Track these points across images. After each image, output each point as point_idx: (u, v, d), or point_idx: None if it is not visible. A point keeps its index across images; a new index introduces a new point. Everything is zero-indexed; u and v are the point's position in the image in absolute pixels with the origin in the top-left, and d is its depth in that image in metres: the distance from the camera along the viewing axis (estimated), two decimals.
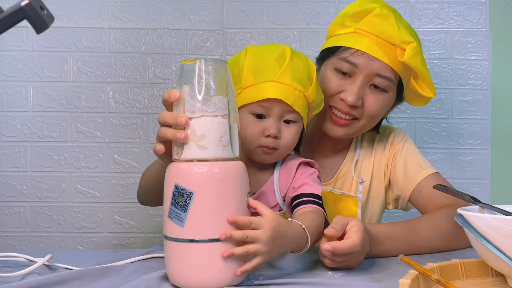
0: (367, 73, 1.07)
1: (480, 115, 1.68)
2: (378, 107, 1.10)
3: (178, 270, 0.74)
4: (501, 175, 1.68)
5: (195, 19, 1.69)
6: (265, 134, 0.94)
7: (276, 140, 0.95)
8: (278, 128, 0.94)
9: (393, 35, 1.06)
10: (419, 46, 1.08)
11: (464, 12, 1.68)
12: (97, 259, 0.90)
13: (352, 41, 1.08)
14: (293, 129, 0.96)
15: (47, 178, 1.67)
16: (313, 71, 1.00)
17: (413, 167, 1.16)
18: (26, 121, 1.67)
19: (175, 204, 0.73)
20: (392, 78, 1.08)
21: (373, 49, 1.06)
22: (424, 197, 1.13)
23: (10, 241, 1.67)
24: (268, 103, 0.93)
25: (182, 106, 0.76)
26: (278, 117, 0.94)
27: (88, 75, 1.68)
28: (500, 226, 0.66)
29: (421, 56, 1.08)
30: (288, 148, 0.98)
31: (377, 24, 1.06)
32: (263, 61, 0.96)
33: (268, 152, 0.96)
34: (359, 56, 1.06)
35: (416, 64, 1.07)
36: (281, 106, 0.93)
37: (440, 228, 1.02)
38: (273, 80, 0.93)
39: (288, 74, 0.94)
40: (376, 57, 1.05)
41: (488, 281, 0.75)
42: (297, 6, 1.68)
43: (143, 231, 1.69)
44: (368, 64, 1.06)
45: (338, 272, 0.83)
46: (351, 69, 1.07)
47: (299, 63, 0.97)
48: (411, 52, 1.05)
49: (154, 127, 1.68)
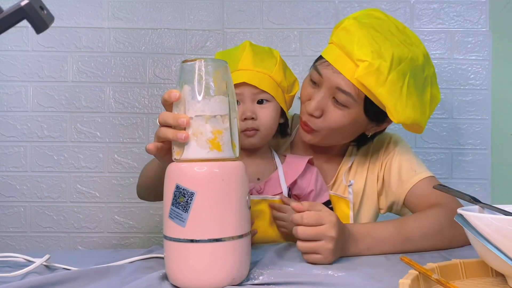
0: (329, 85, 1.06)
1: (480, 115, 1.68)
2: (337, 121, 1.08)
3: (178, 270, 0.74)
4: (501, 175, 1.68)
5: (195, 19, 1.69)
6: (242, 118, 1.04)
7: (254, 122, 1.05)
8: (252, 110, 1.04)
9: (350, 51, 1.02)
10: (375, 67, 1.00)
11: (464, 12, 1.68)
12: (97, 259, 0.90)
13: (326, 51, 1.10)
14: (268, 108, 1.06)
15: (47, 178, 1.67)
16: (276, 55, 1.10)
17: (407, 172, 1.16)
18: (26, 121, 1.67)
19: (176, 204, 0.73)
20: (352, 94, 1.04)
21: (337, 62, 1.05)
22: (416, 198, 1.13)
23: (10, 241, 1.67)
24: (238, 89, 1.03)
25: (182, 106, 0.76)
26: (250, 100, 1.05)
27: (88, 75, 1.68)
28: (500, 226, 0.66)
29: (379, 76, 1.00)
30: (269, 127, 1.07)
31: (341, 38, 1.06)
32: (227, 58, 1.05)
33: (250, 134, 1.06)
34: (325, 67, 1.07)
35: (369, 84, 1.01)
36: (249, 89, 1.04)
37: (425, 227, 1.01)
38: (237, 69, 1.05)
39: (249, 60, 1.05)
40: (338, 70, 1.04)
41: (488, 281, 0.75)
42: (297, 6, 1.68)
43: (143, 231, 1.69)
44: (331, 76, 1.06)
45: (338, 272, 0.83)
46: (318, 79, 1.08)
47: (258, 51, 1.08)
48: (362, 71, 1.00)
49: (154, 127, 1.68)
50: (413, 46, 1.07)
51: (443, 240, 1.02)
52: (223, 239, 0.73)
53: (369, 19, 1.09)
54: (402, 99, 1.03)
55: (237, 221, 0.75)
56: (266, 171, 1.11)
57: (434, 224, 1.01)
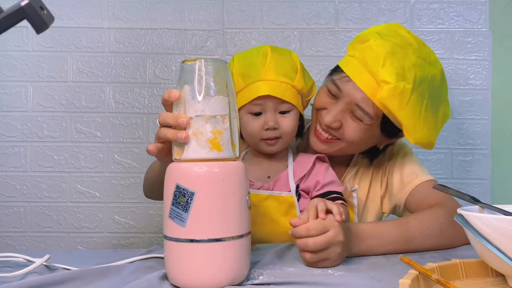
0: (349, 101, 1.06)
1: (480, 115, 1.68)
2: (357, 134, 1.08)
3: (178, 270, 0.74)
4: (501, 175, 1.68)
5: (195, 19, 1.69)
6: (264, 127, 1.05)
7: (276, 131, 1.06)
8: (275, 120, 1.05)
9: (375, 71, 1.02)
10: (399, 89, 1.00)
11: (464, 12, 1.68)
12: (97, 259, 0.90)
13: (346, 64, 1.08)
14: (290, 117, 1.07)
15: (47, 178, 1.67)
16: (296, 61, 1.09)
17: (409, 175, 1.16)
18: (26, 121, 1.67)
19: (176, 204, 0.73)
20: (371, 113, 1.05)
21: (359, 79, 1.04)
22: (417, 200, 1.13)
23: (10, 241, 1.67)
24: (260, 100, 1.04)
25: (182, 106, 0.76)
26: (272, 110, 1.06)
27: (88, 75, 1.68)
28: (500, 226, 0.66)
29: (402, 98, 1.01)
30: (290, 134, 1.09)
31: (366, 55, 1.04)
32: (248, 64, 1.07)
33: (271, 143, 1.08)
34: (346, 81, 1.06)
35: (392, 106, 1.02)
36: (273, 100, 1.05)
37: (425, 226, 1.01)
38: (260, 79, 1.04)
39: (272, 70, 1.05)
40: (359, 87, 1.04)
41: (488, 281, 0.75)
42: (297, 6, 1.69)
43: (143, 231, 1.69)
44: (351, 92, 1.05)
45: (338, 271, 0.83)
46: (337, 92, 1.08)
47: (280, 58, 1.07)
48: (386, 93, 1.00)
49: (154, 127, 1.68)
50: (432, 66, 1.08)
51: (444, 239, 1.02)
52: (223, 239, 0.73)
53: (393, 37, 1.07)
54: (420, 120, 1.05)
55: (237, 221, 0.75)
56: (277, 170, 1.11)
57: (434, 224, 1.02)
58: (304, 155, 1.14)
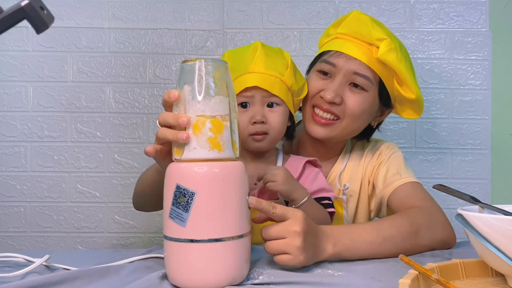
0: (345, 72, 1.11)
1: (480, 115, 1.68)
2: (359, 105, 1.11)
3: (178, 270, 0.74)
4: (501, 175, 1.68)
5: (195, 19, 1.69)
6: (251, 121, 1.03)
7: (264, 125, 1.04)
8: (262, 113, 1.04)
9: (367, 33, 1.10)
10: (394, 44, 1.10)
11: (464, 12, 1.68)
12: (97, 259, 0.90)
13: (332, 45, 1.14)
14: (278, 112, 1.05)
15: (47, 178, 1.67)
16: (287, 58, 1.09)
17: (392, 175, 1.17)
18: (26, 121, 1.67)
19: (176, 204, 0.73)
20: (370, 76, 1.11)
21: (350, 49, 1.11)
22: (398, 200, 1.13)
23: (10, 241, 1.67)
24: (248, 92, 1.03)
25: (182, 106, 0.76)
26: (260, 103, 1.04)
27: (88, 75, 1.68)
28: (500, 226, 0.66)
29: (397, 53, 1.09)
30: (278, 131, 1.06)
31: (353, 25, 1.13)
32: (238, 58, 1.07)
33: (259, 139, 1.05)
34: (337, 56, 1.12)
35: (392, 60, 1.08)
36: (260, 92, 1.03)
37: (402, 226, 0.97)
38: (248, 72, 1.04)
39: (261, 63, 1.04)
40: (353, 56, 1.10)
41: (488, 281, 0.75)
42: (297, 6, 1.68)
43: (143, 231, 1.69)
44: (346, 63, 1.11)
45: (338, 271, 0.83)
46: (330, 69, 1.12)
47: (270, 54, 1.07)
48: (385, 48, 1.08)
49: (154, 127, 1.68)
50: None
51: (422, 240, 0.98)
52: (223, 239, 0.73)
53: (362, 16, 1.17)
54: (412, 75, 1.13)
55: (237, 221, 0.75)
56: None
57: (411, 224, 0.98)
58: (294, 158, 1.11)
